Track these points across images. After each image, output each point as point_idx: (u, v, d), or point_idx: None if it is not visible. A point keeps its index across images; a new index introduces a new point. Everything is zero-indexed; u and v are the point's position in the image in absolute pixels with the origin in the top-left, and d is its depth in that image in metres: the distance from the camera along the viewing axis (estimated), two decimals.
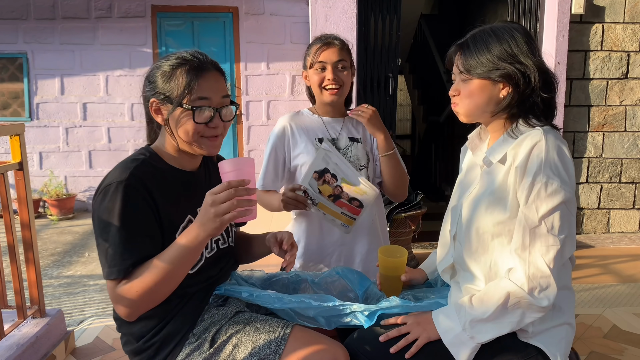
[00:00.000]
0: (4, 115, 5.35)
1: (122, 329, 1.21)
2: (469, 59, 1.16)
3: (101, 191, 1.10)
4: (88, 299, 2.96)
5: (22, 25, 5.16)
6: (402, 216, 3.04)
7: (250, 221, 1.15)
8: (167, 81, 1.16)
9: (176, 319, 1.17)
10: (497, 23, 1.20)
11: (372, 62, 3.68)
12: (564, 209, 1.05)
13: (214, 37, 5.27)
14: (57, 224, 4.93)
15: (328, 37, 1.70)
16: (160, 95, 1.16)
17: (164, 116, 1.18)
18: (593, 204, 3.78)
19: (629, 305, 2.55)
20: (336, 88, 1.69)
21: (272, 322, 1.18)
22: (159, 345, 1.17)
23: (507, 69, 1.12)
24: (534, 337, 1.11)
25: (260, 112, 5.39)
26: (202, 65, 1.17)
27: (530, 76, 1.12)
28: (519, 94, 1.13)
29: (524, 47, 1.13)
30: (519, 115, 1.15)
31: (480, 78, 1.15)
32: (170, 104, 1.15)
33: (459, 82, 1.20)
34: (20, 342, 1.80)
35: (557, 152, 1.06)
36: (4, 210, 1.85)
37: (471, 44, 1.17)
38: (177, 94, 1.14)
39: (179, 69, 1.15)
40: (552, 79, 1.16)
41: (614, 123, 3.69)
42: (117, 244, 1.06)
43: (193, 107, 1.14)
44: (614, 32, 3.59)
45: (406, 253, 1.39)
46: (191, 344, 1.16)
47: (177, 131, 1.17)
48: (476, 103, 1.17)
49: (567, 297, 1.15)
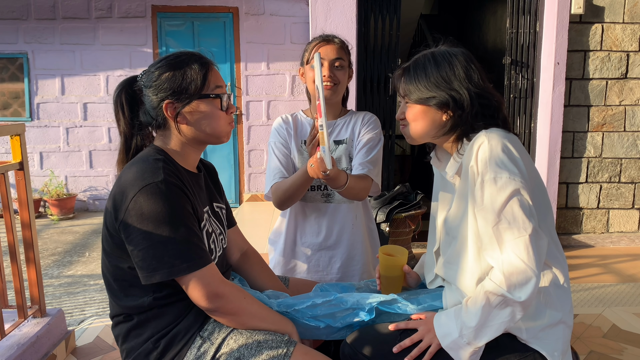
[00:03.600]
0: (5, 115, 5.36)
1: (130, 332, 1.18)
2: (408, 84, 1.20)
3: (135, 194, 1.06)
4: (88, 298, 2.97)
5: (23, 25, 5.17)
6: (402, 216, 3.05)
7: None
8: (181, 78, 1.17)
9: (187, 318, 1.16)
10: (440, 47, 1.23)
11: (371, 62, 3.69)
12: (520, 197, 1.04)
13: (214, 37, 5.28)
14: (57, 224, 4.94)
15: (328, 36, 1.70)
16: (176, 94, 1.17)
17: (182, 114, 1.18)
18: (592, 204, 3.78)
19: (628, 304, 2.55)
20: (331, 85, 1.65)
21: (275, 337, 1.17)
22: (166, 344, 1.15)
23: (441, 97, 1.15)
24: (531, 340, 1.12)
25: (260, 112, 5.39)
26: (206, 59, 1.22)
27: (463, 103, 1.14)
28: (456, 119, 1.16)
29: (460, 73, 1.16)
30: (463, 136, 1.18)
31: (418, 104, 1.19)
32: (188, 100, 1.17)
33: (404, 106, 1.24)
34: (20, 342, 1.80)
35: (501, 148, 1.07)
36: (5, 210, 1.86)
37: (412, 69, 1.21)
38: (196, 87, 1.17)
39: (189, 65, 1.18)
40: (490, 101, 1.17)
41: (613, 123, 3.69)
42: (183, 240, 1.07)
43: (218, 95, 1.18)
44: (614, 32, 3.60)
45: (406, 253, 1.40)
46: (196, 348, 1.14)
47: (196, 125, 1.19)
48: (421, 127, 1.20)
49: (560, 295, 1.15)
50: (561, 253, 1.19)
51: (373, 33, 3.65)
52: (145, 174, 1.08)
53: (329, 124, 1.76)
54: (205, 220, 1.21)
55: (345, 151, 1.73)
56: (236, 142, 5.48)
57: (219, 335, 1.16)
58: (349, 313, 1.23)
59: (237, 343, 1.15)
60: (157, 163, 1.11)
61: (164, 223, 1.05)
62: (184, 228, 1.07)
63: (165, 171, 1.10)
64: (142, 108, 1.23)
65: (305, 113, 1.81)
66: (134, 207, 1.06)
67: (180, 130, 1.19)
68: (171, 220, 1.06)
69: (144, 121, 1.23)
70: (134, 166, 1.12)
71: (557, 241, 1.19)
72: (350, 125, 1.76)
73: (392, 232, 3.07)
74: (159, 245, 1.05)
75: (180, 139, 1.21)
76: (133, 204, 1.06)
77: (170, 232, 1.05)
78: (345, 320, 1.23)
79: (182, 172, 1.19)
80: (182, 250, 1.07)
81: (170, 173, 1.11)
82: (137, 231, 1.06)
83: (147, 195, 1.05)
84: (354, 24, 3.49)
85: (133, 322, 1.17)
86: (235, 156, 5.50)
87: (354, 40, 3.50)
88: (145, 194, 1.06)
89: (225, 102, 1.21)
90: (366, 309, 1.22)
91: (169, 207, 1.06)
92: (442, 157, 1.32)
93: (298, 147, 1.74)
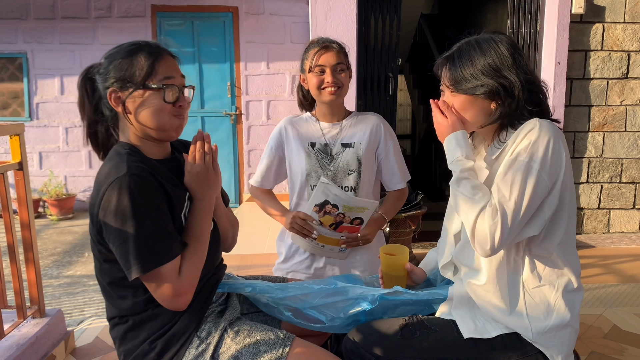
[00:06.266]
0: (4, 115, 5.35)
1: (126, 335, 1.17)
2: (455, 73, 1.17)
3: (104, 192, 1.05)
4: (88, 299, 2.96)
5: (22, 25, 5.16)
6: (402, 216, 3.04)
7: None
8: (127, 66, 1.12)
9: (182, 319, 1.16)
10: (484, 34, 1.20)
11: (372, 62, 3.68)
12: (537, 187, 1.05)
13: (214, 36, 5.26)
14: (57, 224, 4.93)
15: (325, 41, 1.72)
16: (120, 82, 1.12)
17: (124, 104, 1.13)
18: (593, 204, 3.77)
19: (629, 305, 2.55)
20: (335, 89, 1.70)
21: (271, 334, 1.17)
22: (163, 345, 1.15)
23: (491, 85, 1.12)
24: (536, 340, 1.11)
25: (260, 111, 5.39)
26: (159, 48, 1.16)
27: (514, 90, 1.12)
28: (505, 107, 1.13)
29: (508, 60, 1.13)
30: (508, 124, 1.16)
31: (467, 94, 1.15)
32: (133, 89, 1.12)
33: (448, 96, 1.20)
34: (20, 342, 1.79)
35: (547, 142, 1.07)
36: (4, 210, 1.85)
37: (457, 57, 1.17)
38: (141, 76, 1.12)
39: (138, 54, 1.13)
40: (539, 88, 1.16)
41: (614, 123, 3.69)
42: (151, 233, 1.04)
43: (163, 86, 1.12)
44: (614, 32, 3.59)
45: (407, 251, 1.39)
46: (194, 348, 1.15)
47: (139, 117, 1.13)
48: (470, 116, 1.18)
49: (571, 299, 1.14)
50: (576, 257, 1.18)
51: (373, 33, 3.64)
52: (111, 171, 1.07)
53: (336, 125, 1.79)
54: (186, 206, 1.18)
55: (354, 154, 1.75)
56: (236, 142, 5.47)
57: (215, 334, 1.16)
58: (351, 303, 1.23)
59: (234, 342, 1.15)
60: (122, 157, 1.10)
61: (130, 218, 1.03)
62: (149, 222, 1.05)
63: (128, 164, 1.07)
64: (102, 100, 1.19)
65: (312, 115, 1.83)
66: (104, 205, 1.05)
67: (131, 123, 1.15)
68: (135, 214, 1.03)
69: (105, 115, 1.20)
70: (105, 164, 1.12)
71: (574, 245, 1.18)
72: (357, 127, 1.79)
73: (393, 232, 3.06)
74: (128, 242, 1.04)
75: (135, 132, 1.17)
76: (104, 202, 1.05)
77: (137, 227, 1.03)
78: (346, 310, 1.23)
79: (151, 161, 1.16)
80: (147, 246, 1.04)
81: (134, 165, 1.08)
82: (110, 229, 1.05)
83: (112, 192, 1.04)
84: (354, 23, 3.49)
85: (128, 324, 1.16)
86: (235, 156, 5.49)
87: (354, 40, 3.49)
88: (111, 190, 1.04)
89: (172, 94, 1.13)
90: (369, 299, 1.22)
91: (132, 202, 1.03)
92: (478, 144, 1.29)
93: (305, 148, 1.76)
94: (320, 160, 1.75)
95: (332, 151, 1.76)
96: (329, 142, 1.77)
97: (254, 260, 3.24)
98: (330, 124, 1.79)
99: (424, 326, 1.18)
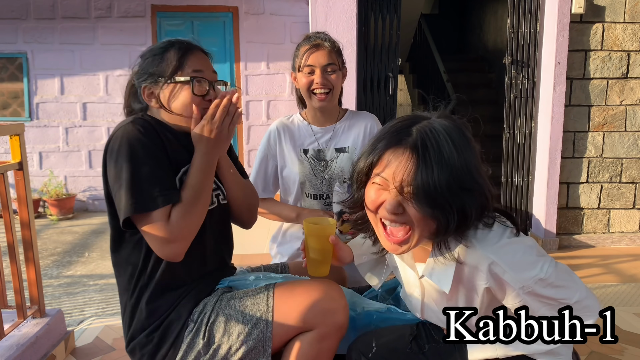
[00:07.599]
0: (4, 115, 5.35)
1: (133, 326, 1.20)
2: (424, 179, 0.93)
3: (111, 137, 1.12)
4: (88, 299, 2.96)
5: (22, 25, 5.16)
6: None
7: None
8: (158, 63, 1.18)
9: (178, 308, 1.19)
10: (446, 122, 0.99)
11: (372, 62, 3.68)
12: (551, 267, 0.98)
13: (213, 36, 5.27)
14: (57, 224, 4.93)
15: (317, 38, 1.64)
16: (152, 78, 1.18)
17: (157, 98, 1.19)
18: (593, 204, 3.77)
19: (629, 305, 2.55)
20: (325, 93, 1.64)
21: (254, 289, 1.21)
22: (160, 336, 1.17)
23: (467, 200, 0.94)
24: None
25: (260, 111, 5.39)
26: (189, 44, 1.21)
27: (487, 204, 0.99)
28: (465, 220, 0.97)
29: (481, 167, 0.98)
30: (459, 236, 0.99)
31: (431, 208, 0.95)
32: (163, 83, 1.18)
33: (400, 202, 0.96)
34: (20, 342, 1.79)
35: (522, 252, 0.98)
36: (4, 210, 1.85)
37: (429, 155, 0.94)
38: (170, 70, 1.17)
39: (169, 50, 1.19)
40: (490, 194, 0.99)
41: (614, 123, 3.69)
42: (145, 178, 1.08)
43: (192, 78, 1.16)
44: (614, 31, 3.59)
45: (335, 223, 1.29)
46: (191, 332, 1.17)
47: (172, 109, 1.19)
48: (428, 233, 0.98)
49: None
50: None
51: (373, 33, 3.65)
52: (122, 122, 1.15)
53: (329, 129, 1.74)
54: (182, 171, 1.20)
55: (348, 160, 1.70)
56: (236, 142, 5.47)
57: (205, 310, 1.19)
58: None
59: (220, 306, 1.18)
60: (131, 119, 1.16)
61: (127, 161, 1.08)
62: (146, 167, 1.09)
63: (137, 120, 1.14)
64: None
65: (302, 116, 1.79)
66: (109, 150, 1.12)
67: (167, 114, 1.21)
68: (132, 158, 1.08)
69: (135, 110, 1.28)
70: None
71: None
72: (351, 131, 1.74)
73: None
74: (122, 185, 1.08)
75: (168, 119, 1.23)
76: (109, 147, 1.12)
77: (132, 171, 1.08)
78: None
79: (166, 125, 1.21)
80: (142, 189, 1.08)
81: (141, 120, 1.14)
82: (111, 172, 1.11)
83: (116, 138, 1.11)
84: (354, 23, 3.49)
85: (133, 300, 1.19)
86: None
87: (354, 40, 3.49)
88: (116, 137, 1.11)
89: (200, 87, 1.17)
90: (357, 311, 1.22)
91: (130, 147, 1.08)
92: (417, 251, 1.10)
93: (297, 155, 1.72)
94: (314, 167, 1.70)
95: (326, 156, 1.71)
96: (322, 147, 1.71)
97: (254, 260, 3.24)
98: (321, 128, 1.74)
99: (434, 339, 1.15)
